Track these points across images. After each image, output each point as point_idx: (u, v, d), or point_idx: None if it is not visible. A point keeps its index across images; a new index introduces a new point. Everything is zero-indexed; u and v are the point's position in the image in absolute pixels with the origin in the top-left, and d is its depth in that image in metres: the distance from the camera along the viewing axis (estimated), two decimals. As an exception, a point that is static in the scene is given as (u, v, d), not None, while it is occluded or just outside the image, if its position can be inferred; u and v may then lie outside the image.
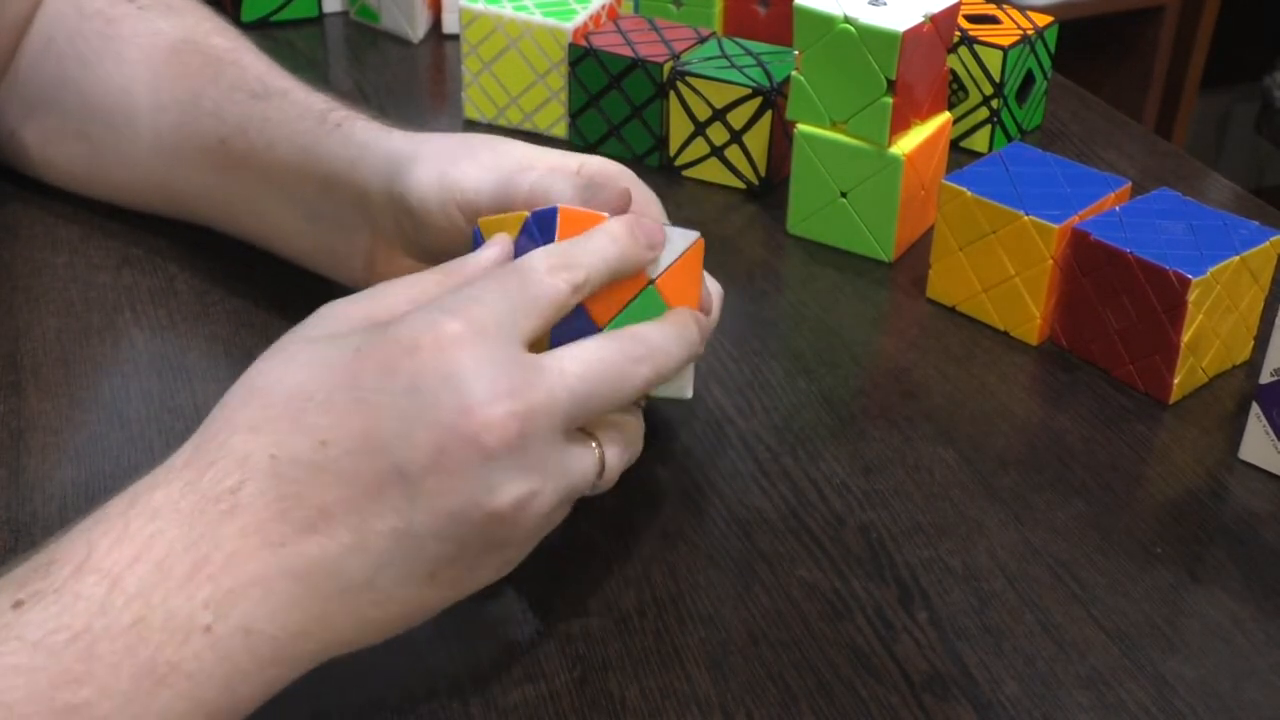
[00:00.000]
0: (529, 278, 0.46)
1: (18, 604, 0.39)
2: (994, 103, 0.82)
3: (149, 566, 0.40)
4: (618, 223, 0.49)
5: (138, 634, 0.40)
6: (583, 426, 0.47)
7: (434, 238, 0.56)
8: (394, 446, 0.43)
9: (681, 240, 0.50)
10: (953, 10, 0.72)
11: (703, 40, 0.82)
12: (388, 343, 0.44)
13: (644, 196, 0.57)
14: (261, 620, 0.41)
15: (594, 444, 0.47)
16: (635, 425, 0.50)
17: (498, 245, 0.50)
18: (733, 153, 0.79)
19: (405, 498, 0.43)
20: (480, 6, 0.82)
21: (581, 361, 0.46)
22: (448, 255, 0.56)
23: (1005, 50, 0.80)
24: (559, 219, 0.49)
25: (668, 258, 0.50)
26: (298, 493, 0.42)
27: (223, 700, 0.41)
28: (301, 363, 0.45)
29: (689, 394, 0.52)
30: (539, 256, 0.47)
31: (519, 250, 0.49)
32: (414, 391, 0.43)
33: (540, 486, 0.44)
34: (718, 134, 0.78)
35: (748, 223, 0.77)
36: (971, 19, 0.84)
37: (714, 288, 0.55)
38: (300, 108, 0.63)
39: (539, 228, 0.49)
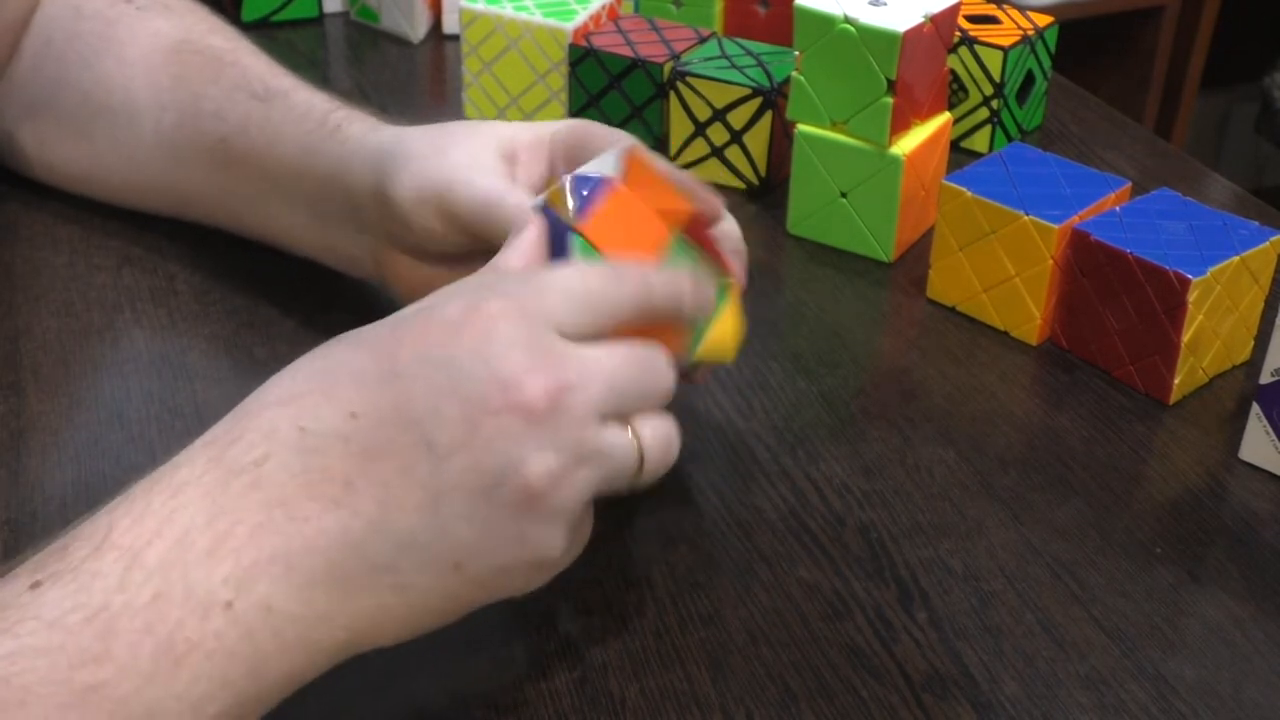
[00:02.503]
0: (582, 278, 0.45)
1: (35, 584, 0.39)
2: (994, 103, 0.82)
3: (169, 542, 0.40)
4: (688, 282, 0.48)
5: (157, 611, 0.39)
6: (622, 418, 0.45)
7: (423, 239, 0.55)
8: (424, 419, 0.42)
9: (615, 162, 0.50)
10: (953, 10, 0.72)
11: (703, 40, 0.82)
12: (424, 319, 0.44)
13: (622, 140, 0.54)
14: (282, 598, 0.41)
15: (632, 435, 0.45)
16: (673, 429, 0.47)
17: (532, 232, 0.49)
18: (733, 153, 0.79)
19: (433, 473, 0.42)
20: (480, 7, 0.82)
21: (614, 354, 0.44)
22: (443, 255, 0.56)
23: (1005, 50, 0.80)
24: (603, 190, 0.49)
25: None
26: (324, 465, 0.42)
27: (246, 684, 0.41)
28: (339, 342, 0.45)
29: (731, 358, 0.52)
30: (597, 272, 0.46)
31: (552, 223, 0.49)
32: (447, 364, 0.42)
33: (571, 466, 0.43)
34: (718, 134, 0.78)
35: (748, 223, 0.77)
36: (971, 19, 0.84)
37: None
38: (302, 108, 0.62)
39: (582, 189, 0.49)
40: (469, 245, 0.55)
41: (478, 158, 0.54)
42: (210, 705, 0.40)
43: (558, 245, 0.49)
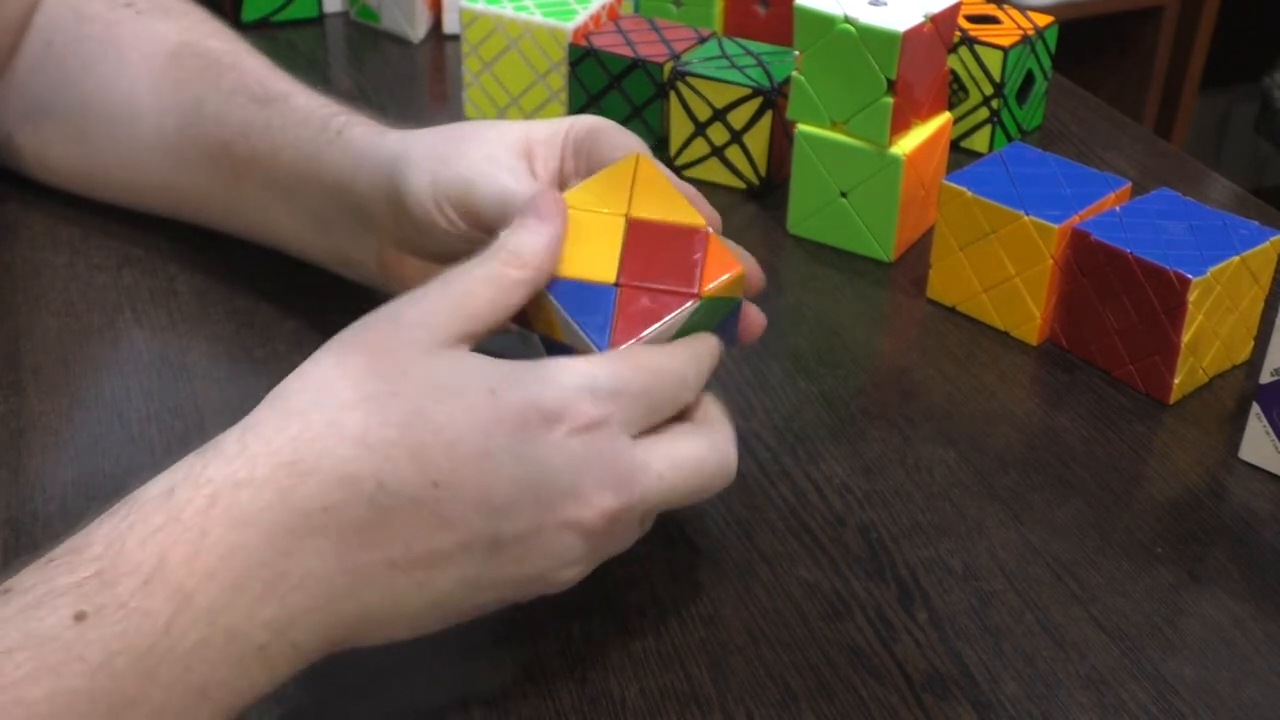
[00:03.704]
0: (675, 383, 0.47)
1: (80, 616, 0.38)
2: (994, 103, 0.82)
3: (222, 585, 0.39)
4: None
5: (199, 655, 0.39)
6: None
7: (437, 240, 0.55)
8: (500, 510, 0.43)
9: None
10: (953, 10, 0.72)
11: (703, 40, 0.82)
12: (527, 402, 0.44)
13: (631, 142, 0.54)
14: (311, 638, 0.42)
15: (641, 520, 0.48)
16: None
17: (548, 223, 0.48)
18: (733, 153, 0.79)
19: (487, 557, 0.44)
20: (480, 6, 0.82)
21: (680, 465, 0.46)
22: (455, 257, 0.56)
23: (1005, 50, 0.80)
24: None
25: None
26: (391, 524, 0.42)
27: (247, 699, 0.41)
28: (423, 378, 0.43)
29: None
30: (685, 365, 0.47)
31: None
32: (536, 462, 0.43)
33: (595, 564, 0.46)
34: (718, 134, 0.78)
35: (748, 223, 0.77)
36: (971, 19, 0.84)
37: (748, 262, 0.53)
38: (302, 113, 0.62)
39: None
40: (485, 244, 0.55)
41: (496, 156, 0.54)
42: None
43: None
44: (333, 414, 0.42)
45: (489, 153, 0.54)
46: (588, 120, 0.55)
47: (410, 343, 0.44)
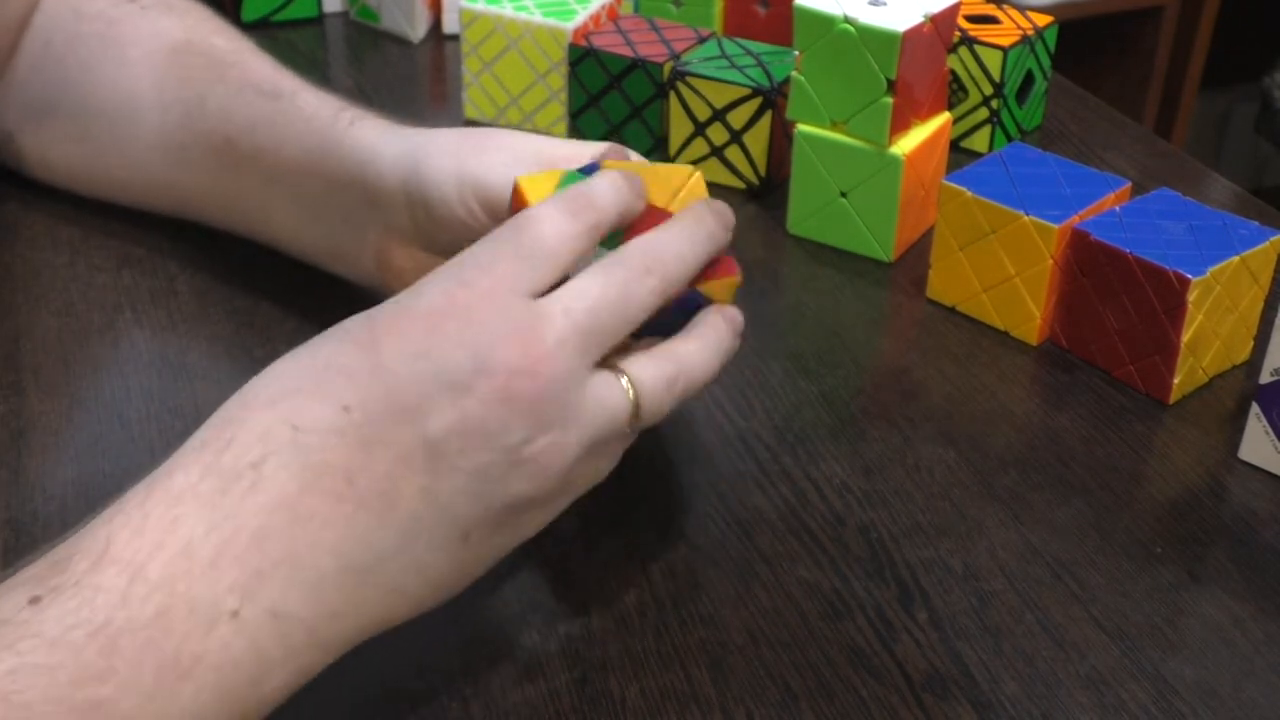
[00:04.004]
0: (538, 233, 0.46)
1: (35, 600, 0.38)
2: (994, 103, 0.82)
3: (171, 554, 0.40)
4: (612, 173, 0.49)
5: (161, 626, 0.39)
6: (608, 360, 0.46)
7: (453, 231, 0.56)
8: (415, 408, 0.43)
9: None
10: (953, 10, 0.72)
11: (703, 40, 0.82)
12: (400, 311, 0.45)
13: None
14: (291, 602, 0.41)
15: (620, 376, 0.46)
16: (672, 366, 0.48)
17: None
18: (733, 153, 0.79)
19: (430, 459, 0.43)
20: (480, 6, 0.82)
21: (583, 294, 0.45)
22: (464, 245, 0.56)
23: (1005, 50, 0.80)
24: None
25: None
26: (323, 460, 0.42)
27: (249, 692, 0.40)
28: (319, 339, 0.45)
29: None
30: (546, 209, 0.47)
31: None
32: (429, 355, 0.43)
33: (562, 435, 0.44)
34: (718, 134, 0.78)
35: (748, 223, 0.77)
36: (971, 19, 0.84)
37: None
38: (312, 108, 0.62)
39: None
40: None
41: (521, 153, 0.55)
42: (212, 718, 0.40)
43: None
44: (244, 394, 0.44)
45: (515, 152, 0.55)
46: (610, 148, 0.56)
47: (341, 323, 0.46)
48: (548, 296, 0.45)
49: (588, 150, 0.55)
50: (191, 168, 0.67)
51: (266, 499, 0.41)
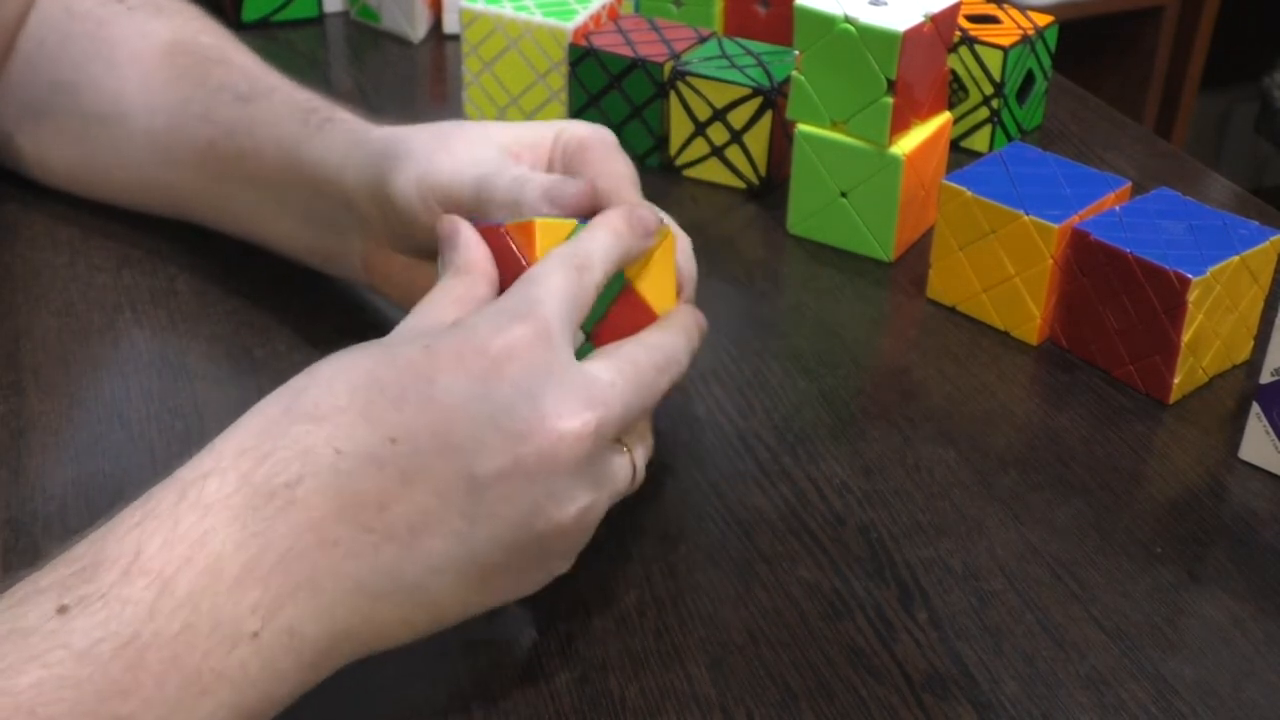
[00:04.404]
0: (583, 276, 0.47)
1: (63, 609, 0.38)
2: (994, 103, 0.82)
3: (199, 569, 0.39)
4: (617, 216, 0.49)
5: (185, 642, 0.39)
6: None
7: (423, 235, 0.55)
8: (467, 449, 0.42)
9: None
10: (953, 10, 0.72)
11: (703, 40, 0.82)
12: (459, 342, 0.44)
13: (619, 168, 0.54)
14: (307, 622, 0.41)
15: (626, 450, 0.47)
16: (646, 426, 0.50)
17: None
18: (733, 153, 0.79)
19: (471, 502, 0.43)
20: (480, 6, 0.82)
21: (623, 373, 0.46)
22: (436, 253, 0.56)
23: (1005, 50, 0.80)
24: None
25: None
26: (358, 489, 0.41)
27: (261, 705, 0.41)
28: (368, 355, 0.44)
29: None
30: (576, 256, 0.47)
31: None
32: (488, 398, 0.43)
33: (598, 497, 0.45)
34: (718, 134, 0.78)
35: (748, 223, 0.77)
36: (971, 19, 0.84)
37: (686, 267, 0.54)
38: (285, 109, 0.62)
39: None
40: None
41: (481, 154, 0.54)
42: None
43: None
44: (288, 400, 0.43)
45: (474, 153, 0.54)
46: (580, 131, 0.55)
47: (388, 339, 0.46)
48: (589, 363, 0.46)
49: (550, 131, 0.55)
50: (181, 170, 0.67)
51: (297, 520, 0.41)
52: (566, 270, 0.47)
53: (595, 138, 0.55)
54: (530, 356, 0.44)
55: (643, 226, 0.50)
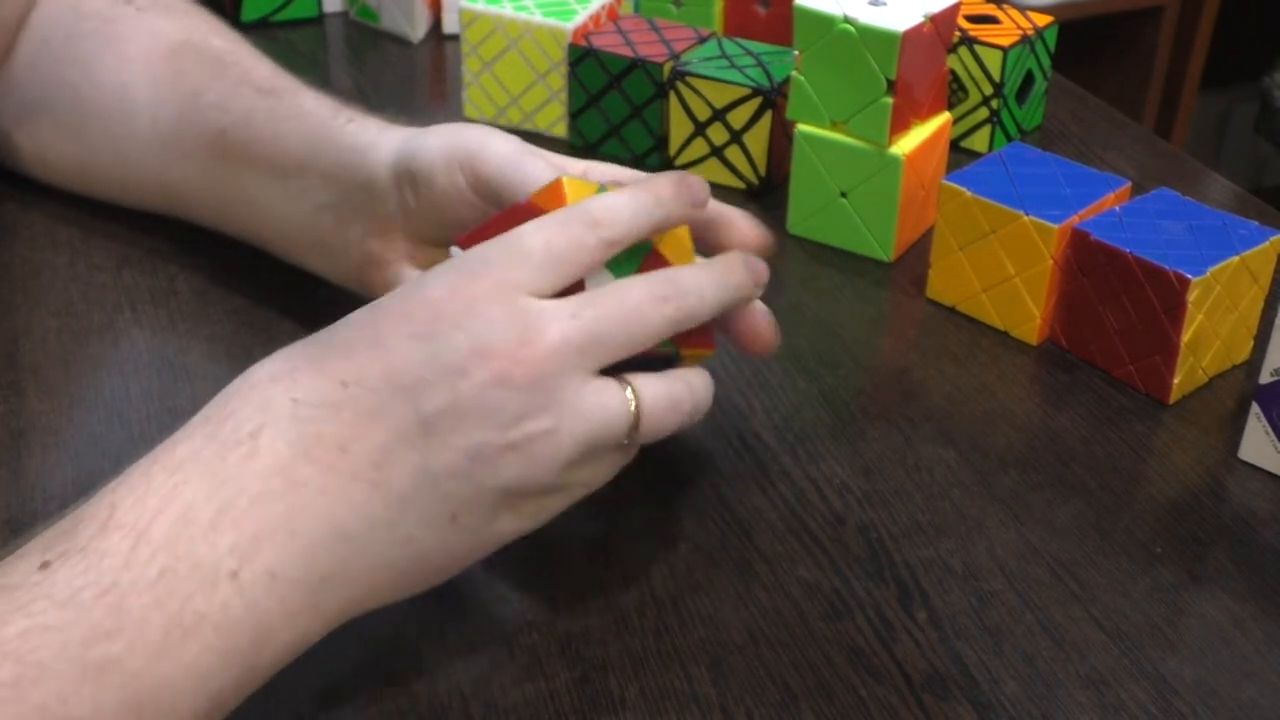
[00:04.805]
0: (550, 238, 0.46)
1: (45, 565, 0.40)
2: (994, 103, 0.82)
3: (172, 517, 0.41)
4: (666, 181, 0.50)
5: (165, 586, 0.40)
6: (613, 371, 0.47)
7: (438, 206, 0.56)
8: (411, 387, 0.44)
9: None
10: (953, 10, 0.72)
11: (703, 40, 0.82)
12: (404, 297, 0.46)
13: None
14: (287, 564, 0.42)
15: (625, 386, 0.46)
16: (683, 390, 0.48)
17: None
18: (733, 153, 0.79)
19: (423, 436, 0.44)
20: (480, 6, 0.82)
21: (592, 302, 0.46)
22: (448, 230, 0.57)
23: (1005, 50, 0.80)
24: None
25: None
26: (318, 431, 0.43)
27: (251, 653, 0.42)
28: (324, 329, 0.47)
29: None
30: (563, 216, 0.47)
31: None
32: (429, 338, 0.44)
33: (555, 424, 0.45)
34: (718, 134, 0.78)
35: (748, 223, 0.77)
36: (971, 19, 0.84)
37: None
38: (310, 104, 0.63)
39: None
40: (485, 214, 0.56)
41: (508, 137, 0.56)
42: (215, 679, 0.41)
43: None
44: (246, 375, 0.46)
45: (499, 135, 0.56)
46: (604, 172, 0.56)
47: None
48: (557, 300, 0.46)
49: (577, 166, 0.56)
50: (182, 161, 0.67)
51: (263, 465, 0.43)
52: (564, 224, 0.47)
53: (629, 174, 0.57)
54: (474, 301, 0.45)
55: (690, 194, 0.50)
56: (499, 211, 0.52)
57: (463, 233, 0.52)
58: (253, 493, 0.42)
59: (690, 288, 0.48)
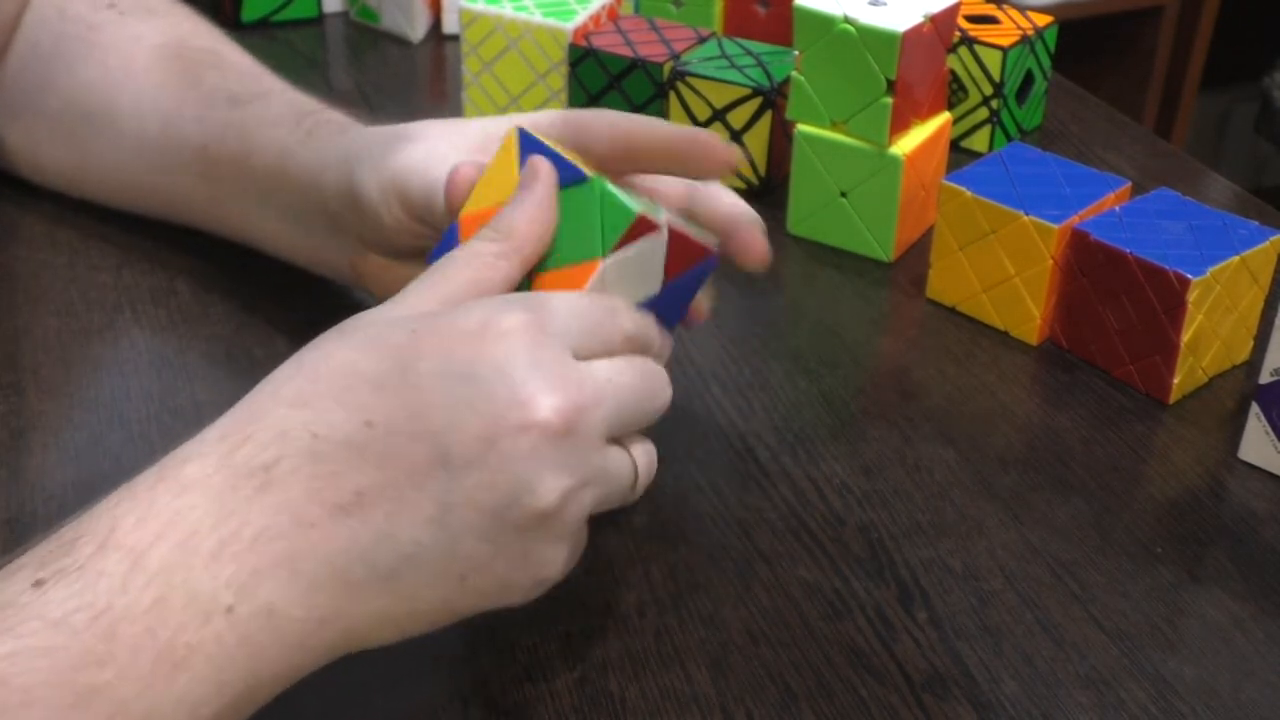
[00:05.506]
0: (608, 318, 0.46)
1: (38, 583, 0.39)
2: (994, 103, 0.82)
3: (172, 545, 0.40)
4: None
5: (158, 614, 0.39)
6: (618, 438, 0.46)
7: (390, 236, 0.55)
8: (441, 432, 0.42)
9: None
10: (953, 10, 0.72)
11: (703, 40, 0.82)
12: (445, 327, 0.43)
13: (625, 118, 0.54)
14: (284, 602, 0.41)
15: (628, 453, 0.46)
16: (653, 449, 0.49)
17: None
18: (733, 153, 0.79)
19: (446, 488, 0.42)
20: (480, 7, 0.82)
21: (623, 373, 0.45)
22: (411, 253, 0.56)
23: (1005, 50, 0.80)
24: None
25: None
26: (334, 472, 0.41)
27: (242, 685, 0.41)
28: (355, 341, 0.44)
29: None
30: (606, 299, 0.47)
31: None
32: (467, 379, 0.42)
33: (580, 485, 0.43)
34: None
35: (748, 223, 0.77)
36: (971, 19, 0.84)
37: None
38: (276, 113, 0.62)
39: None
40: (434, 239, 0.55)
41: (437, 152, 0.53)
42: (206, 707, 0.40)
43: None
44: (272, 388, 0.43)
45: (430, 148, 0.54)
46: (555, 118, 0.54)
47: (376, 323, 0.45)
48: (592, 361, 0.45)
49: (524, 121, 0.53)
50: (172, 174, 0.67)
51: (274, 501, 0.41)
52: (592, 300, 0.46)
53: (574, 118, 0.54)
54: (518, 342, 0.43)
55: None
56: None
57: (430, 246, 0.51)
58: (258, 527, 0.40)
59: (665, 381, 0.48)
